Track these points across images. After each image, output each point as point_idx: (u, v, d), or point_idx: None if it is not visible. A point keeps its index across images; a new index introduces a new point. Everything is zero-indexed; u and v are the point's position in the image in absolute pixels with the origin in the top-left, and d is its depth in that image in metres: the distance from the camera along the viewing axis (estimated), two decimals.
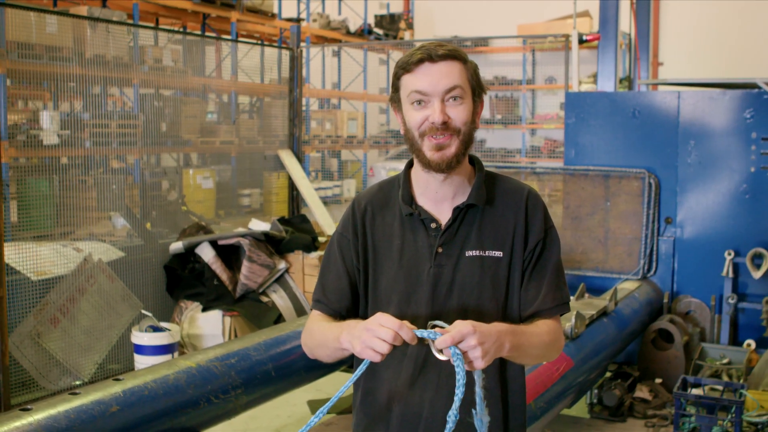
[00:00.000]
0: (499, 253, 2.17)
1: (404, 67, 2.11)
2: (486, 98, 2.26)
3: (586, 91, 7.14)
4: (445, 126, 2.07)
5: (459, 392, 1.91)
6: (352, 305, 2.27)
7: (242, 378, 4.08)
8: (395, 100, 2.18)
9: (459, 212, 2.18)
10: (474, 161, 2.25)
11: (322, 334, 2.18)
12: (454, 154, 2.09)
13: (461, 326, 1.91)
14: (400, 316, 2.19)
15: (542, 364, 4.24)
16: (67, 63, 6.67)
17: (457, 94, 2.08)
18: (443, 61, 2.08)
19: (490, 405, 2.18)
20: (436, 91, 2.07)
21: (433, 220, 2.19)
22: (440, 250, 2.17)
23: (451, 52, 2.09)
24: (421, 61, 2.08)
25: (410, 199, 2.21)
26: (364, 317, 2.28)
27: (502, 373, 2.24)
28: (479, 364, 1.91)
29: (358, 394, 2.33)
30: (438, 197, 2.20)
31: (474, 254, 2.17)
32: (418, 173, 2.21)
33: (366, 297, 2.26)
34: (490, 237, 2.18)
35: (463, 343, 1.90)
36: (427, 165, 2.11)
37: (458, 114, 2.09)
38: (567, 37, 7.45)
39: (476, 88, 2.14)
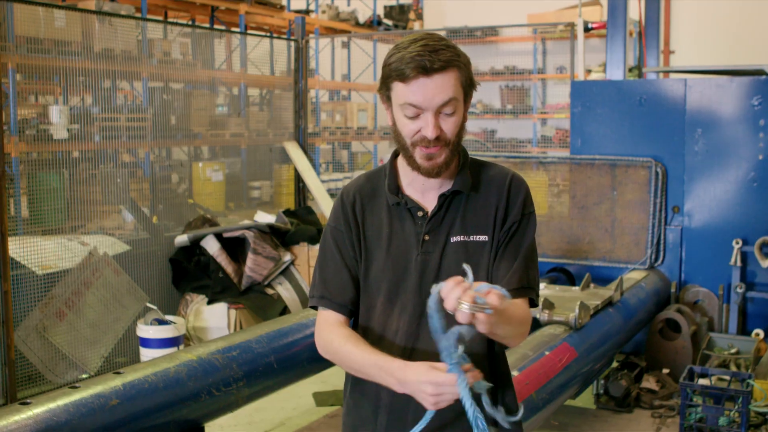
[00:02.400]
0: (483, 238, 2.18)
1: (398, 76, 2.05)
2: (497, 88, 2.24)
3: (592, 80, 7.09)
4: (437, 139, 2.06)
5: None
6: (356, 297, 2.26)
7: (244, 370, 4.07)
8: (384, 94, 2.16)
9: (444, 199, 2.18)
10: (459, 149, 2.25)
11: (358, 364, 2.14)
12: (444, 162, 2.10)
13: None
14: (389, 305, 2.20)
15: (545, 355, 4.22)
16: (76, 57, 6.68)
17: (451, 108, 2.06)
18: (438, 74, 2.03)
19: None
20: (431, 105, 2.04)
21: (420, 208, 2.20)
22: (427, 237, 2.18)
23: (446, 62, 2.03)
24: (416, 75, 2.02)
25: (396, 189, 2.22)
26: (357, 308, 2.27)
27: (492, 364, 2.23)
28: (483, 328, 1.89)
29: (348, 384, 2.33)
30: (425, 187, 2.21)
31: (458, 240, 2.18)
32: (404, 164, 2.20)
33: (360, 286, 2.26)
34: (474, 222, 2.19)
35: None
36: (417, 170, 2.13)
37: (450, 126, 2.08)
38: (572, 25, 7.39)
39: (468, 88, 2.12)
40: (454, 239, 2.17)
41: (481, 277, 2.16)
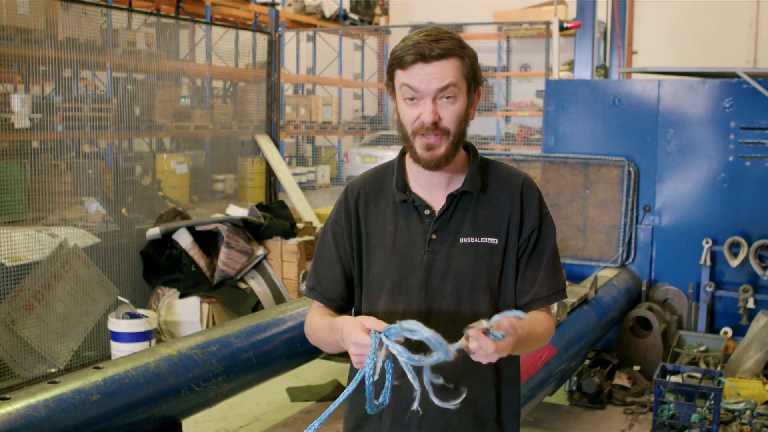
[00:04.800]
0: (494, 240, 2.16)
1: (398, 63, 2.05)
2: None
3: (567, 79, 7.14)
4: (435, 126, 2.03)
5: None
6: (346, 293, 2.26)
7: (223, 366, 4.03)
8: (389, 85, 2.15)
9: (453, 199, 2.16)
10: (469, 148, 2.23)
11: (320, 333, 2.17)
12: (443, 154, 2.07)
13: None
14: (392, 303, 2.18)
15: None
16: (39, 45, 6.53)
17: (450, 93, 2.03)
18: (437, 61, 2.01)
19: (483, 391, 2.17)
20: (428, 90, 2.02)
21: (427, 206, 2.17)
22: (434, 236, 2.15)
23: (446, 50, 2.01)
24: (414, 60, 2.02)
25: (404, 186, 2.20)
26: (359, 304, 2.26)
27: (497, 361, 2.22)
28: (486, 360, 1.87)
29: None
30: (432, 185, 2.18)
31: (468, 241, 2.15)
32: (411, 161, 2.18)
33: (360, 284, 2.24)
34: (485, 224, 2.16)
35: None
36: (417, 161, 2.10)
37: (449, 114, 2.05)
38: (547, 24, 7.44)
39: (472, 81, 2.09)
40: (463, 240, 2.14)
41: (493, 280, 2.16)
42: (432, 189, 2.18)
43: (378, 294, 2.20)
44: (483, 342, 1.83)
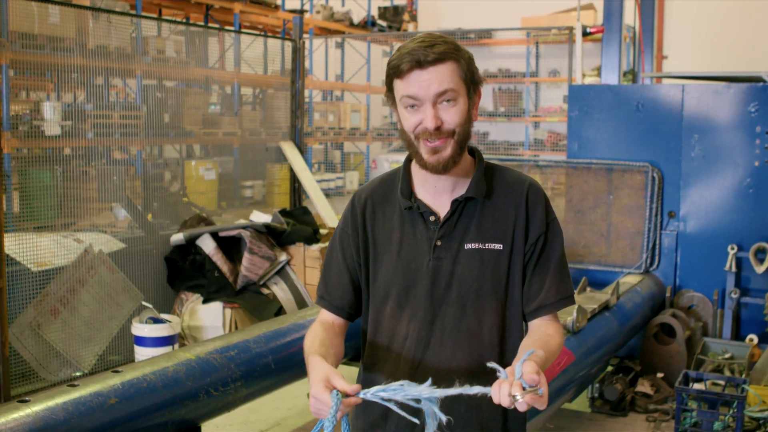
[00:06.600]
0: (499, 246, 2.15)
1: (395, 72, 2.06)
2: (489, 91, 2.21)
3: (590, 84, 7.10)
4: (438, 130, 2.04)
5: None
6: (354, 301, 2.27)
7: (242, 370, 4.06)
8: (390, 96, 2.16)
9: (458, 205, 2.16)
10: (474, 153, 2.23)
11: (305, 356, 2.14)
12: (450, 156, 2.07)
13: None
14: (399, 310, 2.18)
15: None
16: (69, 53, 6.64)
17: (449, 97, 2.04)
18: (433, 66, 2.02)
19: (488, 398, 2.17)
20: (428, 95, 2.03)
21: (432, 213, 2.17)
22: (439, 243, 2.15)
23: (441, 54, 2.02)
24: (410, 68, 2.02)
25: (409, 193, 2.20)
26: (366, 312, 2.27)
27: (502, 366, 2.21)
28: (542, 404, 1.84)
29: None
30: (437, 191, 2.18)
31: (473, 247, 2.14)
32: (417, 167, 2.19)
33: (368, 291, 2.25)
34: (490, 230, 2.16)
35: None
36: (424, 167, 2.11)
37: (451, 117, 2.05)
38: (571, 29, 7.41)
39: (470, 83, 2.09)
40: (468, 246, 2.14)
41: (498, 287, 2.15)
42: (437, 195, 2.18)
43: (384, 301, 2.21)
44: (535, 402, 1.79)
